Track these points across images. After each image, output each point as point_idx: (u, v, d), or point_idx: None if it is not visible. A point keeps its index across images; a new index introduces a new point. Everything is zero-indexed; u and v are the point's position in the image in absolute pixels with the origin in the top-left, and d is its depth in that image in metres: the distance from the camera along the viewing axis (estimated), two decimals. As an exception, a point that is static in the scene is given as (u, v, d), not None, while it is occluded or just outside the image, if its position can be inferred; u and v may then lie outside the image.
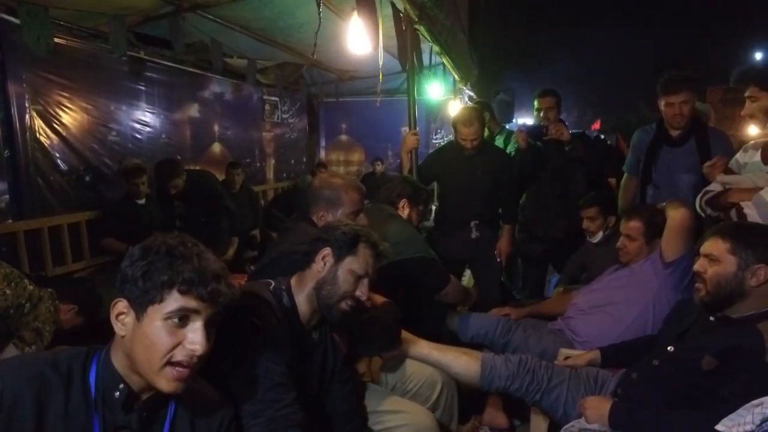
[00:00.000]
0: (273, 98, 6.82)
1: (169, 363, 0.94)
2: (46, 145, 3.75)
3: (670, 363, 1.57)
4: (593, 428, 1.57)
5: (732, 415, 1.15)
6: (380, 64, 2.86)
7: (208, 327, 0.97)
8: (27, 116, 3.56)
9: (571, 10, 16.90)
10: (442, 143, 6.96)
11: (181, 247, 0.97)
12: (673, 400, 1.49)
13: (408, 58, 2.96)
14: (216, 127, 5.87)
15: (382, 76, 6.21)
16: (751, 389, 1.22)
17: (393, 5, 2.68)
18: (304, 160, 7.60)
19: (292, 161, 7.45)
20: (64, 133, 3.88)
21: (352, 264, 1.43)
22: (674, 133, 2.64)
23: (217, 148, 5.88)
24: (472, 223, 3.01)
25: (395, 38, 3.00)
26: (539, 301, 2.87)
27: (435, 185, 3.51)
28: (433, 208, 3.61)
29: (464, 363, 1.96)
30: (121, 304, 0.96)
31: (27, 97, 3.55)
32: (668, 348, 1.62)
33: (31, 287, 1.80)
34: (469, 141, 2.96)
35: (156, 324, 0.93)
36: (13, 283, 1.73)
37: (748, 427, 1.10)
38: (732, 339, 1.42)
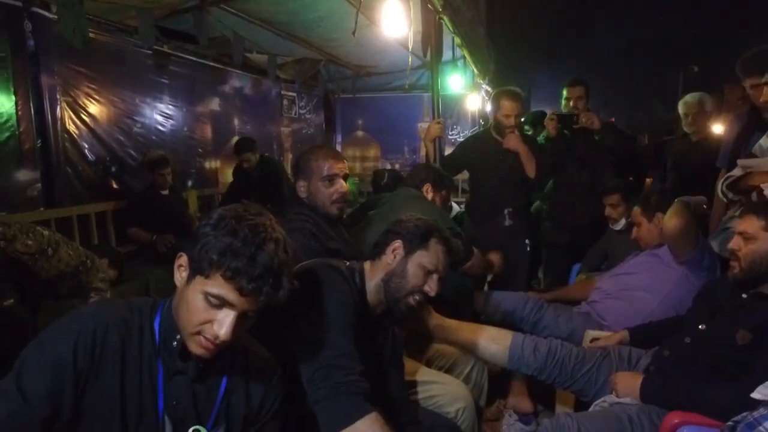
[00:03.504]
0: (291, 93, 6.89)
1: (198, 334, 0.95)
2: (75, 135, 3.84)
3: (703, 339, 1.59)
4: (624, 401, 1.59)
5: (767, 383, 1.17)
6: (410, 47, 2.89)
7: (240, 319, 0.95)
8: (58, 108, 3.65)
9: (585, 7, 16.76)
10: (459, 139, 6.99)
11: (248, 230, 0.93)
12: (707, 375, 1.51)
13: (432, 47, 2.99)
14: (236, 121, 5.95)
15: (400, 71, 6.30)
16: (787, 360, 1.24)
17: (420, -7, 2.72)
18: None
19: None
20: (92, 125, 3.97)
21: (423, 258, 1.42)
22: None
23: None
24: (506, 211, 3.03)
25: (418, 33, 3.04)
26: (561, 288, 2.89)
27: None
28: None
29: (493, 349, 1.96)
30: (183, 259, 0.99)
31: (58, 89, 3.64)
32: (699, 326, 1.64)
33: (46, 232, 1.95)
34: (512, 117, 2.95)
35: (197, 295, 0.94)
36: (31, 233, 1.86)
37: (785, 393, 1.12)
38: (766, 313, 1.44)
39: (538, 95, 11.11)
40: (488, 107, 4.79)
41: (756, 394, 1.17)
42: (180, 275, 0.98)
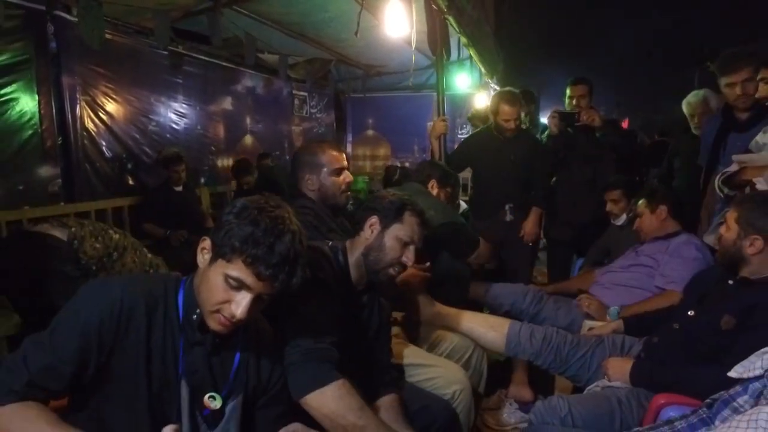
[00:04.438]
0: (302, 93, 7.00)
1: (217, 312, 1.04)
2: (93, 133, 3.99)
3: (691, 325, 1.65)
4: (615, 385, 1.66)
5: (744, 362, 1.23)
6: (413, 46, 2.97)
7: (255, 301, 1.03)
8: (78, 107, 3.79)
9: (597, 7, 16.66)
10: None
11: (268, 221, 1.01)
12: (693, 360, 1.57)
13: (437, 47, 3.07)
14: (248, 120, 6.08)
15: (410, 71, 6.37)
16: (767, 342, 1.30)
17: (424, -6, 2.80)
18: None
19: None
20: (109, 123, 4.12)
21: (399, 231, 1.48)
22: (741, 116, 2.32)
23: (248, 140, 6.08)
24: (507, 207, 3.11)
25: (424, 33, 3.12)
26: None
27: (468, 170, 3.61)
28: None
29: (491, 336, 2.05)
30: (207, 242, 1.07)
31: (78, 88, 3.79)
32: (689, 312, 1.71)
33: (116, 236, 2.03)
34: (512, 121, 3.04)
35: (218, 277, 1.02)
36: (100, 236, 1.96)
37: (757, 372, 1.18)
38: (750, 298, 1.50)
39: (548, 94, 11.09)
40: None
41: (732, 373, 1.24)
42: (203, 257, 1.07)
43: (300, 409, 1.25)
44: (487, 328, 2.03)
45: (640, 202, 2.44)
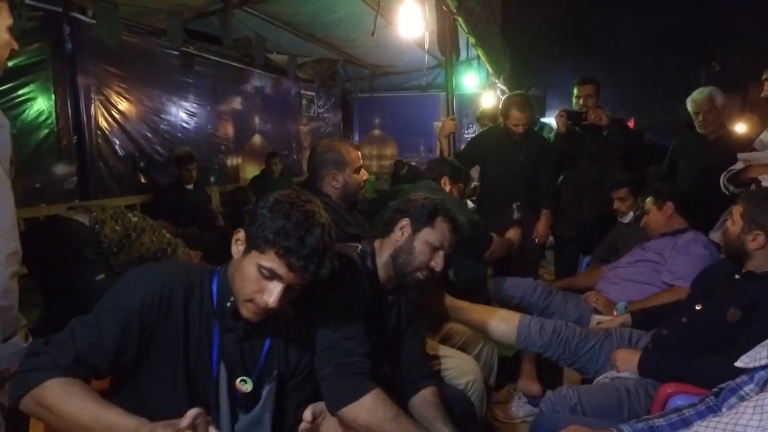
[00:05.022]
0: (310, 93, 7.07)
1: (250, 301, 1.10)
2: (107, 132, 4.07)
3: (698, 319, 1.70)
4: (624, 376, 1.71)
5: (750, 352, 1.27)
6: (426, 47, 3.02)
7: (287, 291, 1.08)
8: (92, 106, 3.87)
9: (602, 7, 16.63)
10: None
11: (300, 215, 1.06)
12: (700, 351, 1.61)
13: (447, 46, 3.12)
14: (256, 120, 6.15)
15: (416, 71, 6.42)
16: (772, 333, 1.34)
17: (435, -5, 2.86)
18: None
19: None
20: (122, 122, 4.20)
21: (429, 236, 1.48)
22: None
23: (257, 139, 6.15)
24: (514, 205, 3.18)
25: (434, 34, 3.17)
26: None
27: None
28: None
29: (502, 328, 2.09)
30: (241, 234, 1.13)
31: (92, 88, 3.87)
32: (696, 307, 1.75)
33: (134, 219, 2.14)
34: (521, 126, 3.11)
35: (252, 267, 1.07)
36: (120, 219, 2.06)
37: (763, 362, 1.22)
38: (755, 292, 1.54)
39: (554, 93, 11.11)
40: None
41: (739, 363, 1.28)
42: (237, 248, 1.13)
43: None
44: (498, 321, 2.07)
45: (648, 199, 2.49)
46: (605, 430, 1.33)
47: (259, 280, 1.07)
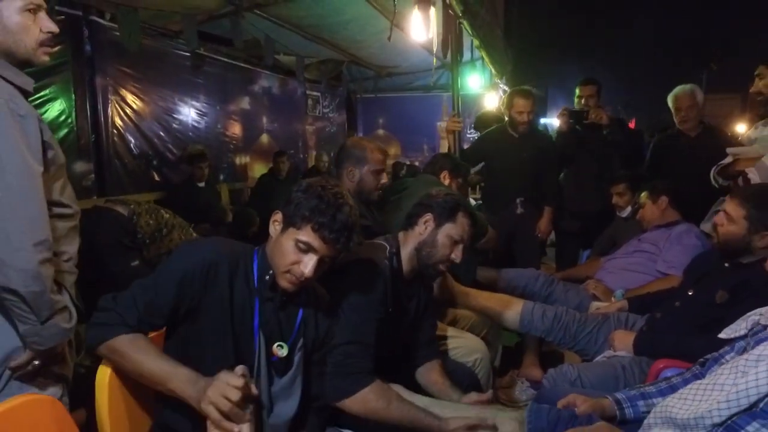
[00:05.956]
0: (315, 93, 7.19)
1: (288, 272, 1.24)
2: (122, 131, 4.20)
3: (689, 302, 1.83)
4: (620, 354, 1.84)
5: (731, 325, 1.41)
6: (434, 50, 3.14)
7: (320, 262, 1.22)
8: (109, 106, 4.01)
9: (604, 8, 16.75)
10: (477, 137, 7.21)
11: (331, 196, 1.21)
12: (690, 331, 1.74)
13: (452, 49, 3.26)
14: (264, 120, 6.28)
15: (420, 72, 6.54)
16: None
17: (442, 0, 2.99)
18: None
19: (332, 154, 7.83)
20: (137, 121, 4.33)
21: (451, 230, 1.60)
22: None
23: (265, 139, 6.29)
24: (518, 200, 3.33)
25: (439, 36, 3.30)
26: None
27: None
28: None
29: (507, 314, 2.23)
30: (278, 215, 1.27)
31: (109, 89, 4.00)
32: (688, 292, 1.88)
33: (166, 215, 2.28)
34: (526, 114, 3.24)
35: (289, 242, 1.22)
36: (153, 214, 2.20)
37: (742, 332, 1.36)
38: (742, 276, 1.68)
39: (554, 95, 11.24)
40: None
41: (722, 334, 1.41)
42: (275, 228, 1.28)
43: None
44: (503, 307, 2.21)
45: (643, 193, 2.62)
46: (601, 398, 1.47)
47: (296, 253, 1.22)
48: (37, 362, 1.27)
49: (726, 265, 1.82)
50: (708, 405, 1.18)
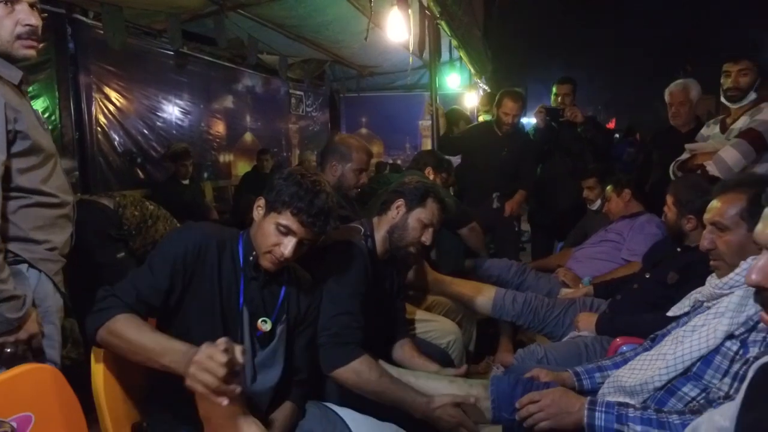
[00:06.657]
0: (298, 92, 7.26)
1: (269, 252, 1.33)
2: (106, 129, 4.23)
3: (646, 284, 1.98)
4: (583, 334, 1.98)
5: (678, 304, 1.55)
6: (410, 49, 3.25)
7: (299, 244, 1.31)
8: (93, 103, 4.04)
9: (584, 9, 17.06)
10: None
11: (309, 183, 1.30)
12: (645, 310, 1.88)
13: (431, 49, 3.37)
14: (248, 118, 6.34)
15: (402, 71, 6.66)
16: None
17: (419, 1, 3.09)
18: (326, 151, 8.05)
19: (315, 152, 7.90)
20: (120, 119, 4.37)
21: (421, 214, 1.70)
22: None
23: (248, 137, 6.34)
24: (494, 195, 3.48)
25: (417, 36, 3.41)
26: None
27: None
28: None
29: (480, 300, 2.36)
30: (261, 201, 1.36)
31: (93, 86, 4.04)
32: (646, 275, 2.03)
33: (151, 207, 2.35)
34: (511, 116, 3.40)
35: (270, 225, 1.31)
36: (139, 206, 2.27)
37: (686, 309, 1.50)
38: (689, 258, 1.83)
39: (534, 95, 11.45)
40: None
41: (669, 313, 1.55)
42: (258, 212, 1.38)
43: None
44: (476, 294, 2.33)
45: (608, 187, 2.78)
46: (563, 372, 1.60)
47: (277, 236, 1.31)
48: (8, 349, 1.29)
49: (678, 249, 1.97)
50: (651, 372, 1.31)
